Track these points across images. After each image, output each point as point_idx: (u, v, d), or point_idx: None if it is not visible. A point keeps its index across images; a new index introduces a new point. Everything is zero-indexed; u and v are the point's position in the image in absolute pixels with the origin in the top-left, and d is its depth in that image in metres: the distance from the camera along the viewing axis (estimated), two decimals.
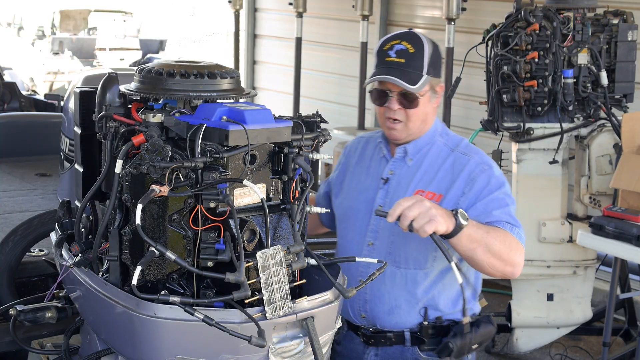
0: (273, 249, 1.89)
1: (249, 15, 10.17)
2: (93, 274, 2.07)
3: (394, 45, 2.61)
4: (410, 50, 2.59)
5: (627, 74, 4.68)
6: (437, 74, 2.68)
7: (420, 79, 2.59)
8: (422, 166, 2.67)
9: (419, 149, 2.69)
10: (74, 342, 2.38)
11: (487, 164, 2.64)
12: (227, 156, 1.90)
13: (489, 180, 2.60)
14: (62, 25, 19.00)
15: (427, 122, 2.69)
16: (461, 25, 6.78)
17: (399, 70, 2.58)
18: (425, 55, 2.61)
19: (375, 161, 2.77)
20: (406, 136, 2.68)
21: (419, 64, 2.60)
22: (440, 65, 2.71)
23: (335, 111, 8.52)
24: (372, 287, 2.62)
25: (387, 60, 2.61)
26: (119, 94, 2.12)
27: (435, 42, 2.70)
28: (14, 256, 3.47)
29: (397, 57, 2.59)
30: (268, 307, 1.87)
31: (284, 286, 1.90)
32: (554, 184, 4.73)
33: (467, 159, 2.64)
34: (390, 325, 2.66)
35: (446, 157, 2.67)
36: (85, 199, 2.14)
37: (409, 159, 2.69)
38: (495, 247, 2.44)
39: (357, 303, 2.69)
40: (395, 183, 2.68)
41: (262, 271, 1.87)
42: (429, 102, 2.66)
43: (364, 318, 2.70)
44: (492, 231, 2.47)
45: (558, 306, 4.88)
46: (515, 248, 2.50)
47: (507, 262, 2.48)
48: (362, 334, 2.72)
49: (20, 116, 7.09)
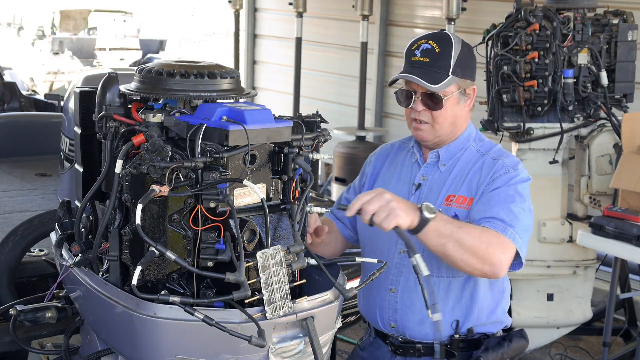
0: (273, 249, 1.89)
1: (249, 15, 10.17)
2: (93, 274, 2.07)
3: (420, 44, 2.54)
4: (436, 50, 2.51)
5: (627, 74, 4.68)
6: (467, 76, 2.57)
7: (444, 79, 2.50)
8: (454, 171, 2.59)
9: (452, 154, 2.61)
10: (74, 342, 2.38)
11: (513, 167, 2.55)
12: (227, 156, 1.90)
13: (508, 180, 2.51)
14: (62, 25, 19.00)
15: (458, 125, 2.61)
16: (461, 25, 6.78)
17: (423, 69, 2.51)
18: (452, 55, 2.51)
19: (407, 167, 2.69)
20: (433, 138, 2.60)
21: (445, 63, 2.51)
22: (472, 67, 2.60)
23: (335, 111, 8.53)
24: (402, 296, 2.57)
25: (412, 60, 2.54)
26: (119, 94, 2.12)
27: (468, 44, 2.60)
28: (14, 256, 3.47)
29: (422, 56, 2.52)
30: (268, 307, 1.87)
31: (284, 286, 1.90)
32: (554, 184, 4.73)
33: (496, 162, 2.56)
34: (420, 336, 2.58)
35: (476, 161, 2.59)
36: (85, 199, 2.14)
37: (442, 164, 2.61)
38: (467, 242, 2.31)
39: (386, 312, 2.61)
40: (427, 189, 2.60)
41: (262, 271, 1.87)
42: (457, 105, 2.57)
43: (393, 327, 2.62)
44: (465, 226, 2.36)
45: (558, 306, 4.88)
46: (495, 245, 2.36)
47: (484, 259, 2.34)
48: (390, 343, 2.64)
49: (20, 116, 7.08)
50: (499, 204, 2.46)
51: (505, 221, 2.43)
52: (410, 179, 2.65)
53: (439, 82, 2.49)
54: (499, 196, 2.48)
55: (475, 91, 2.63)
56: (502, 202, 2.47)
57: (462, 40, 2.59)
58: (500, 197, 2.48)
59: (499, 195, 2.49)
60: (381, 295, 2.62)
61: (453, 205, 2.52)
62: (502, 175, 2.52)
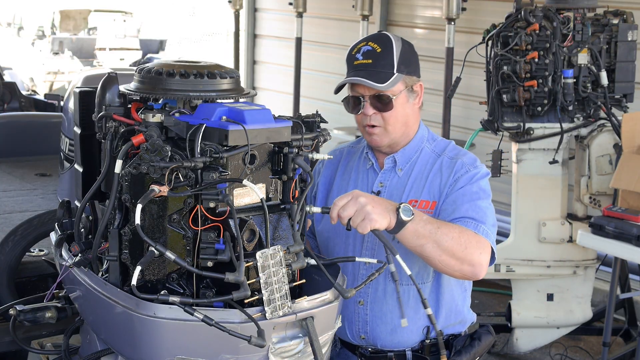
0: (273, 249, 1.89)
1: (249, 15, 10.17)
2: (93, 274, 2.07)
3: (361, 47, 2.52)
4: (377, 50, 2.48)
5: (627, 74, 4.68)
6: (413, 72, 2.54)
7: (390, 77, 2.46)
8: (412, 175, 2.56)
9: (408, 158, 2.58)
10: (74, 342, 2.38)
11: (472, 165, 2.53)
12: (226, 156, 1.90)
13: (471, 179, 2.49)
14: (62, 25, 19.00)
15: (410, 125, 2.57)
16: (461, 25, 6.78)
17: (367, 71, 2.47)
18: (394, 53, 2.48)
19: (363, 173, 2.64)
20: (388, 141, 2.55)
21: (388, 62, 2.48)
22: (416, 63, 2.57)
23: (335, 111, 8.44)
24: (372, 307, 2.55)
25: (355, 64, 2.51)
26: (119, 94, 2.12)
27: (408, 41, 2.58)
28: (14, 256, 3.47)
29: (364, 58, 2.49)
30: (267, 307, 1.87)
31: (284, 286, 1.90)
32: (554, 184, 4.73)
33: (454, 161, 2.54)
34: (392, 345, 2.56)
35: (434, 162, 2.56)
36: (85, 199, 2.14)
37: (399, 168, 2.58)
38: (446, 243, 2.29)
39: (355, 325, 2.59)
40: (387, 195, 2.54)
41: (261, 271, 1.87)
42: (407, 103, 2.53)
43: (363, 339, 2.59)
44: (444, 227, 2.32)
45: (558, 306, 4.88)
46: (474, 246, 2.34)
47: (463, 260, 2.33)
48: (360, 354, 2.62)
49: (20, 116, 7.09)
50: (466, 203, 2.45)
51: (477, 219, 2.41)
52: (368, 186, 2.61)
53: (385, 81, 2.46)
54: (465, 195, 2.47)
55: (423, 87, 2.59)
56: (468, 200, 2.45)
57: (402, 38, 2.57)
58: (465, 196, 2.46)
59: (464, 194, 2.47)
60: (349, 308, 2.57)
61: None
62: (463, 175, 2.50)
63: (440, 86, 6.72)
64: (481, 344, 2.58)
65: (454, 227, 2.36)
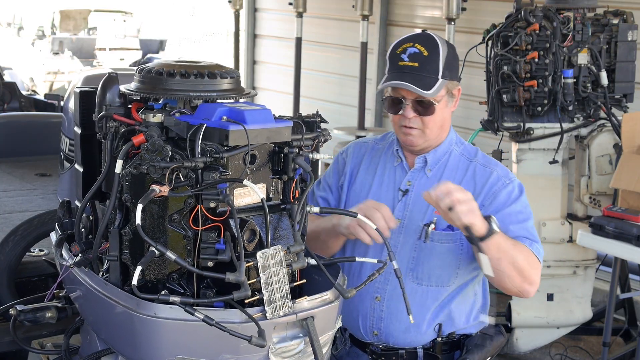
0: (273, 249, 1.89)
1: (249, 15, 10.17)
2: (93, 274, 2.07)
3: (406, 48, 2.48)
4: (424, 53, 2.45)
5: (627, 74, 4.68)
6: (454, 77, 2.53)
7: (435, 84, 2.45)
8: (442, 177, 2.56)
9: (437, 159, 2.58)
10: (74, 342, 2.38)
11: (508, 178, 2.55)
12: (227, 156, 1.90)
13: (509, 196, 2.52)
14: (62, 25, 19.00)
15: (445, 128, 2.58)
16: (461, 25, 6.79)
17: (413, 75, 2.44)
18: (440, 58, 2.46)
19: (390, 170, 2.64)
20: (423, 142, 2.55)
21: (434, 67, 2.46)
22: (458, 67, 2.57)
23: (335, 111, 8.53)
24: (389, 305, 2.55)
25: (399, 65, 2.47)
26: (119, 94, 2.12)
27: (451, 43, 2.56)
28: (14, 256, 3.47)
29: (410, 60, 2.46)
30: (268, 307, 1.87)
31: (284, 286, 1.90)
32: (554, 184, 4.73)
33: (489, 171, 2.55)
34: (405, 343, 2.57)
35: (466, 168, 2.57)
36: (85, 199, 2.14)
37: (428, 169, 2.58)
38: (519, 261, 2.37)
39: (370, 320, 2.58)
40: (415, 195, 2.55)
41: (262, 271, 1.87)
42: (446, 107, 2.54)
43: (375, 335, 2.59)
44: (518, 245, 2.40)
45: (558, 306, 4.88)
46: (535, 266, 2.43)
47: (527, 279, 2.41)
48: (370, 351, 2.62)
49: (20, 116, 7.09)
50: (515, 224, 2.49)
51: (530, 239, 2.47)
52: (395, 184, 2.60)
53: (431, 87, 2.44)
54: (511, 216, 2.50)
55: (460, 91, 2.60)
56: (516, 221, 2.49)
57: (446, 40, 2.55)
58: (512, 216, 2.50)
59: (510, 215, 2.50)
60: (365, 303, 2.58)
61: None
62: (501, 189, 2.53)
63: None
64: (493, 343, 2.59)
65: (523, 246, 2.42)
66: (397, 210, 2.56)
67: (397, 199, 2.58)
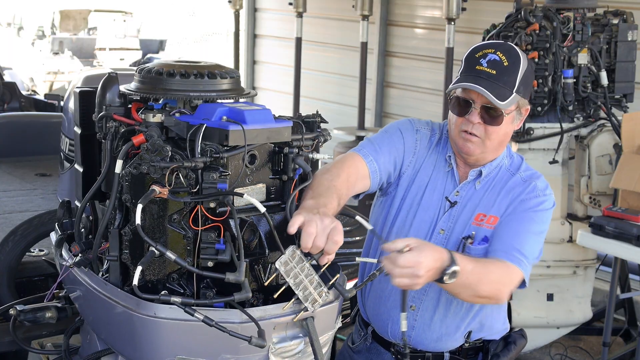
0: (287, 252, 1.89)
1: (249, 15, 10.17)
2: (93, 274, 2.07)
3: (487, 53, 2.38)
4: (504, 63, 2.35)
5: (627, 74, 4.68)
6: (527, 95, 2.43)
7: (509, 96, 2.34)
8: (488, 191, 2.49)
9: (488, 173, 2.51)
10: (74, 342, 2.38)
11: (543, 192, 2.47)
12: (227, 156, 1.90)
13: (536, 205, 2.44)
14: (62, 25, 19.00)
15: (504, 144, 2.49)
16: (461, 25, 6.78)
17: (489, 81, 2.33)
18: (519, 71, 2.36)
19: (441, 175, 2.54)
20: (480, 153, 2.44)
21: (512, 79, 2.35)
22: (532, 87, 2.45)
23: (335, 111, 8.52)
24: (422, 315, 2.50)
25: (476, 69, 2.36)
26: (119, 94, 2.12)
27: (531, 60, 2.44)
28: (14, 256, 3.48)
29: (488, 67, 2.35)
30: (307, 303, 1.90)
31: (314, 277, 1.91)
32: (554, 184, 4.69)
33: (528, 183, 2.48)
34: (435, 349, 2.54)
35: (507, 180, 2.50)
36: (85, 199, 2.14)
37: (478, 182, 2.50)
38: (483, 292, 2.29)
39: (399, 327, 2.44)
40: (461, 207, 2.48)
41: (287, 276, 1.88)
42: (512, 123, 2.44)
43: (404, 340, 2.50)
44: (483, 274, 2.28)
45: (558, 306, 4.88)
46: (507, 285, 2.35)
47: (492, 299, 2.36)
48: (395, 351, 2.58)
49: (20, 116, 7.09)
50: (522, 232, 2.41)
51: (523, 252, 2.38)
52: (443, 191, 2.52)
53: (505, 98, 2.34)
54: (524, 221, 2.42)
55: (528, 111, 2.50)
56: (525, 231, 2.41)
57: (526, 56, 2.46)
58: (524, 222, 2.42)
59: (524, 220, 2.42)
60: (398, 309, 2.50)
61: (483, 226, 2.46)
62: (532, 198, 2.45)
63: (440, 86, 6.72)
64: (516, 347, 2.57)
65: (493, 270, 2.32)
66: (442, 221, 2.50)
67: (443, 209, 2.51)
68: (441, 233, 2.49)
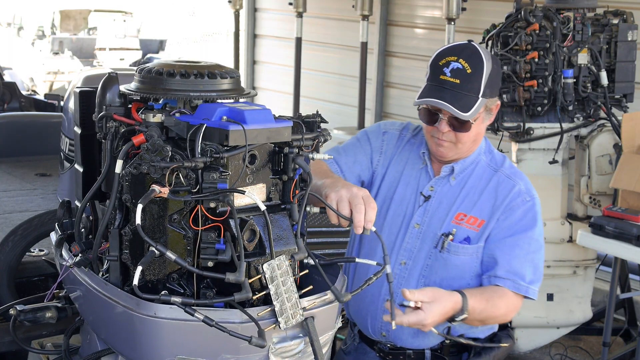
0: (278, 259, 1.89)
1: (249, 15, 10.17)
2: (93, 274, 2.07)
3: (450, 62, 2.41)
4: (467, 71, 2.39)
5: (627, 74, 4.68)
6: (495, 93, 2.48)
7: (474, 103, 2.40)
8: (465, 187, 2.53)
9: (464, 168, 2.55)
10: (74, 342, 2.38)
11: (530, 195, 2.51)
12: (227, 156, 1.90)
13: (525, 215, 2.48)
14: (62, 25, 19.02)
15: (478, 141, 2.55)
16: (461, 25, 6.79)
17: (453, 92, 2.38)
18: (483, 76, 2.40)
19: (415, 171, 2.60)
20: (454, 155, 2.53)
21: (476, 86, 2.40)
22: (499, 82, 2.50)
23: (335, 111, 8.53)
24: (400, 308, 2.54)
25: (440, 78, 2.41)
26: (119, 94, 2.12)
27: (496, 58, 2.49)
28: (14, 256, 3.48)
29: (452, 76, 2.39)
30: (281, 318, 1.87)
31: (293, 295, 1.90)
32: (554, 184, 4.73)
33: (512, 184, 2.52)
34: (413, 345, 2.57)
35: (490, 178, 2.54)
36: (85, 199, 2.14)
37: (453, 177, 2.55)
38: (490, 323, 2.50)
39: (379, 322, 2.58)
40: (436, 202, 2.54)
41: (270, 282, 1.88)
42: (482, 124, 2.51)
43: (383, 336, 2.60)
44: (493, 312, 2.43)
45: (558, 306, 4.88)
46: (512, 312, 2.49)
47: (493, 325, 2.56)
48: (378, 349, 2.63)
49: (20, 116, 7.10)
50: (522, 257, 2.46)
51: (526, 279, 2.46)
52: (418, 186, 2.58)
53: (470, 107, 2.39)
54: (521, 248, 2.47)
55: (499, 106, 2.54)
56: (525, 254, 2.46)
57: (491, 55, 2.48)
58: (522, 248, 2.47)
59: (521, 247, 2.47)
60: (375, 304, 2.58)
61: (463, 225, 2.49)
62: (520, 205, 2.49)
63: None
64: (501, 347, 2.59)
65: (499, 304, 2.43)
66: (417, 215, 2.55)
67: (418, 203, 2.56)
68: (416, 227, 2.54)
